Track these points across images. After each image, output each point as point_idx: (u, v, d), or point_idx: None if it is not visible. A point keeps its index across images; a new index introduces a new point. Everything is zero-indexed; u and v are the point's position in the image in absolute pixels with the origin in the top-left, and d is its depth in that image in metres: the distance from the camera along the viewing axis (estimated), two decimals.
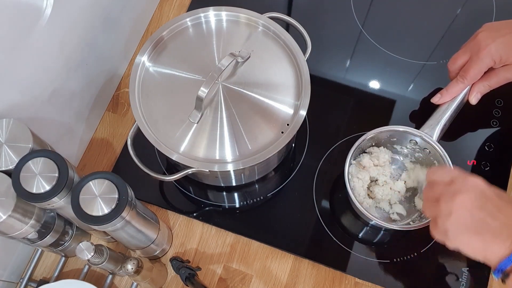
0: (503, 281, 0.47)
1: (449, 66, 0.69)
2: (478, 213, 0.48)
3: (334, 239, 0.70)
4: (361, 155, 0.70)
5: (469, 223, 0.49)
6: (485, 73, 0.66)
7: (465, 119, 0.76)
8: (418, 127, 0.68)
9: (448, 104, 0.68)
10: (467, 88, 0.68)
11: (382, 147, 0.70)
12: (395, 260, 0.68)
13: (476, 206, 0.48)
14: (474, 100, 0.68)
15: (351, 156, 0.65)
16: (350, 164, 0.66)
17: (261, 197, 0.73)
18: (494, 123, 0.75)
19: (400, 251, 0.69)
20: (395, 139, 0.69)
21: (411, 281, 0.68)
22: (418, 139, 0.67)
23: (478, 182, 0.50)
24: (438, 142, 0.66)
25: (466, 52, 0.66)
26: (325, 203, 0.72)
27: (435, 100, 0.69)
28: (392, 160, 0.71)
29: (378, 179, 0.70)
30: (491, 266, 0.49)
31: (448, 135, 0.72)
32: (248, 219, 0.72)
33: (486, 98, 0.69)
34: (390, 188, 0.69)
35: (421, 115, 0.75)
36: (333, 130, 0.76)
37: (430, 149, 0.66)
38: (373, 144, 0.70)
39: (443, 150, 0.64)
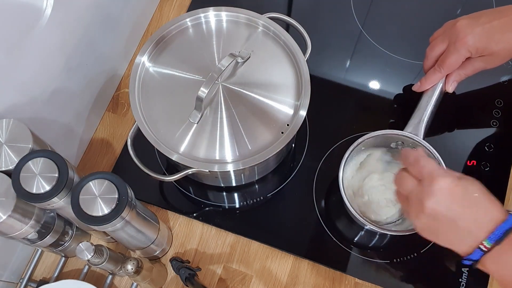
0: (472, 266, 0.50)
1: (428, 52, 0.69)
2: (443, 218, 0.49)
3: (334, 239, 0.70)
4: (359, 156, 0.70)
5: (435, 228, 0.50)
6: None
7: (465, 119, 0.76)
8: (398, 125, 0.68)
9: (427, 100, 0.68)
10: (443, 81, 0.68)
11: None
12: (395, 260, 0.68)
13: (441, 212, 0.49)
14: (450, 88, 0.69)
15: (343, 165, 0.65)
16: (344, 171, 0.65)
17: (261, 197, 0.73)
18: (494, 123, 0.75)
19: (400, 251, 0.69)
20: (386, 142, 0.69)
21: (411, 281, 0.68)
22: (404, 140, 0.67)
23: (444, 183, 0.49)
24: (426, 140, 0.65)
25: (444, 40, 0.66)
26: (325, 203, 0.72)
27: (415, 88, 0.70)
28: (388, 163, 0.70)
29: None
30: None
31: (448, 136, 0.72)
32: (248, 219, 0.72)
33: (486, 98, 0.69)
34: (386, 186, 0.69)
35: (399, 112, 0.76)
36: (333, 130, 0.76)
37: (417, 147, 0.66)
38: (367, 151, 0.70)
39: (432, 148, 0.64)
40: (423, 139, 0.66)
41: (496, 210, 0.48)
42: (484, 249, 0.47)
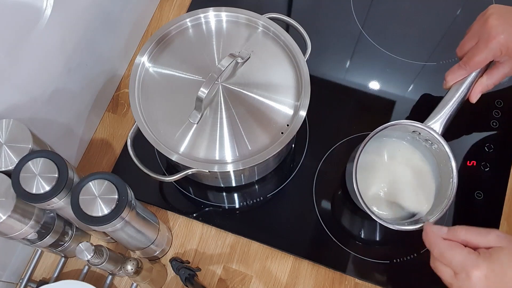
0: None
1: (458, 53, 0.67)
2: None
3: (334, 239, 0.70)
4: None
5: None
6: (487, 69, 0.65)
7: (465, 120, 0.76)
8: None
9: (453, 93, 0.66)
10: (471, 78, 0.65)
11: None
12: (395, 260, 0.68)
13: None
14: (474, 99, 0.67)
15: (359, 154, 0.63)
16: (357, 164, 0.64)
17: (261, 198, 0.73)
18: (494, 123, 0.75)
19: (400, 252, 0.69)
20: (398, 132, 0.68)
21: (411, 281, 0.68)
22: (422, 132, 0.66)
23: (480, 273, 0.48)
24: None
25: (474, 38, 0.63)
26: (325, 204, 0.72)
27: (444, 86, 0.68)
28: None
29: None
30: None
31: (448, 136, 0.72)
32: (248, 219, 0.72)
33: (486, 99, 0.69)
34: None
35: (420, 110, 0.75)
36: (333, 131, 0.76)
37: (433, 141, 0.65)
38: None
39: (447, 145, 0.63)
40: (442, 135, 0.64)
41: None
42: None
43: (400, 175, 0.68)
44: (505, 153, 0.74)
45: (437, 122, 0.65)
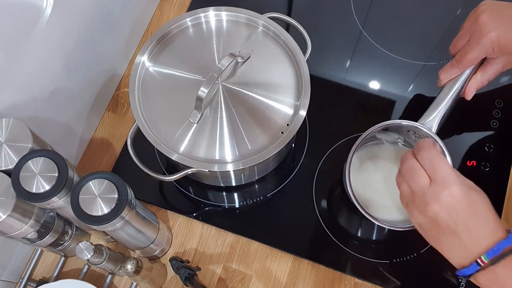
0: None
1: (451, 50, 0.67)
2: (444, 224, 0.50)
3: (334, 239, 0.70)
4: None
5: (434, 231, 0.51)
6: (480, 66, 0.65)
7: (464, 120, 0.76)
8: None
9: (447, 91, 0.66)
10: (465, 76, 0.65)
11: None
12: (394, 260, 0.68)
13: (443, 218, 0.49)
14: (470, 96, 0.67)
15: (352, 155, 0.64)
16: (350, 165, 0.65)
17: (261, 197, 0.73)
18: (494, 123, 0.75)
19: (400, 252, 0.69)
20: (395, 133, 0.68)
21: (411, 281, 0.68)
22: (417, 131, 0.65)
23: (455, 192, 0.49)
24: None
25: (466, 35, 0.63)
26: (325, 204, 0.72)
27: (438, 84, 0.68)
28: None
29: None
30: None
31: (448, 136, 0.72)
32: (248, 219, 0.72)
33: (486, 99, 0.69)
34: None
35: (414, 110, 0.75)
36: (333, 130, 0.76)
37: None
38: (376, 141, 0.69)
39: (444, 146, 0.63)
40: (437, 133, 0.64)
41: (498, 227, 0.48)
42: (481, 263, 0.47)
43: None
44: (505, 153, 0.74)
45: (431, 120, 0.65)
